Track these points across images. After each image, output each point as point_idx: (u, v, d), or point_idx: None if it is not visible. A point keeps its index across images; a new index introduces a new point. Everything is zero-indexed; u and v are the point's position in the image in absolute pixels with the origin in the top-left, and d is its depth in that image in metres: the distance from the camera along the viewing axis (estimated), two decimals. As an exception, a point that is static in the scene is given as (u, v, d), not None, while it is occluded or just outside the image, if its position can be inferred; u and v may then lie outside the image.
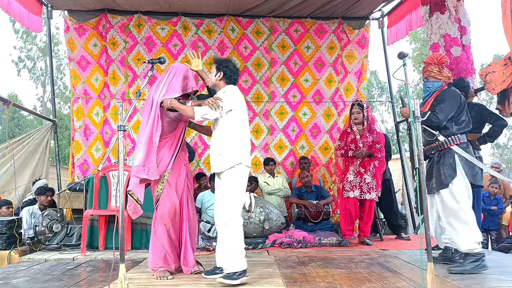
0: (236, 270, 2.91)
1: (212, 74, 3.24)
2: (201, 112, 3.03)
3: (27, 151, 5.89)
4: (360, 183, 4.71)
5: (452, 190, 3.27)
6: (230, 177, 3.01)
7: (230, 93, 3.12)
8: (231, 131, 3.06)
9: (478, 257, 3.20)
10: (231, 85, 3.20)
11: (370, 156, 4.74)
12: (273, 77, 6.55)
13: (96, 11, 6.19)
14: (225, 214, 2.97)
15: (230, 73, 3.19)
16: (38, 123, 18.76)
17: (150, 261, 3.23)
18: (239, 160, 3.01)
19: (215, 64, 3.24)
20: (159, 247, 3.21)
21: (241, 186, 3.04)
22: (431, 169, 3.42)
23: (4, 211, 4.98)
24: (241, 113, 3.14)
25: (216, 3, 5.99)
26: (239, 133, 3.08)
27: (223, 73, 3.17)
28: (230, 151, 3.03)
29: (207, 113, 3.03)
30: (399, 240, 5.16)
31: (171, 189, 3.23)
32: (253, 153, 6.47)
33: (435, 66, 3.48)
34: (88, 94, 6.26)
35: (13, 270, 3.55)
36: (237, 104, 3.10)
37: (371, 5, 6.21)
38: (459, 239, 3.25)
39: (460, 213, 3.24)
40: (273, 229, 4.93)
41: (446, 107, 3.32)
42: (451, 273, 3.18)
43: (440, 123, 3.31)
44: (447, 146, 3.35)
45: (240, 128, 3.10)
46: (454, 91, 3.45)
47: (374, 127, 4.90)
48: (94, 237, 4.61)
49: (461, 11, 4.46)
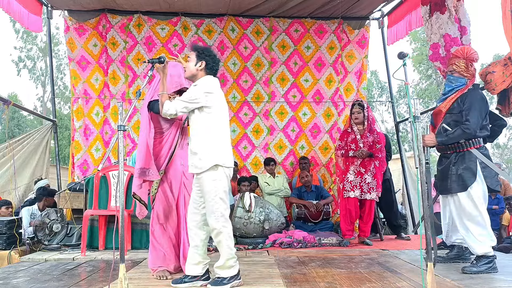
0: (227, 276, 2.81)
1: (191, 63, 2.90)
2: (164, 107, 2.86)
3: (27, 151, 5.89)
4: (361, 183, 4.71)
5: (471, 194, 3.23)
6: (209, 181, 2.78)
7: (204, 86, 2.82)
8: (207, 129, 2.81)
9: (491, 259, 3.20)
10: (209, 76, 2.90)
11: (371, 156, 4.74)
12: (273, 77, 6.55)
13: (96, 11, 6.19)
14: (211, 221, 2.80)
15: (213, 63, 2.90)
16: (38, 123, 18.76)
17: (149, 261, 3.23)
18: (215, 161, 2.78)
19: (195, 52, 2.90)
20: (158, 247, 3.20)
21: (220, 189, 2.79)
22: (447, 170, 3.34)
23: (4, 211, 4.98)
24: (219, 109, 2.86)
25: (216, 3, 5.99)
26: (216, 131, 2.83)
27: (205, 63, 2.88)
28: (206, 151, 2.79)
29: (169, 108, 2.83)
30: (399, 240, 5.16)
31: (166, 188, 3.20)
32: (253, 153, 6.49)
33: (463, 61, 3.35)
34: (88, 94, 6.26)
35: (13, 270, 3.55)
36: (213, 98, 2.81)
37: (371, 5, 6.21)
38: (474, 243, 3.23)
39: (478, 218, 3.22)
40: (273, 229, 4.93)
41: (477, 114, 3.21)
42: (465, 273, 3.16)
43: (474, 133, 3.21)
44: (467, 148, 3.28)
45: (218, 125, 2.84)
46: (482, 94, 3.36)
47: (374, 127, 4.90)
48: (94, 237, 4.60)
49: (461, 11, 4.45)
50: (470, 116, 3.21)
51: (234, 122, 6.48)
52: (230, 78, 6.49)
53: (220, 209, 2.79)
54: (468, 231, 3.26)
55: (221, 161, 2.80)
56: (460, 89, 3.38)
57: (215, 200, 2.78)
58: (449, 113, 3.36)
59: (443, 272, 3.21)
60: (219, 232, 2.79)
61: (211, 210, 2.79)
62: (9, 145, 5.52)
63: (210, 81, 2.89)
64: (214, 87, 2.88)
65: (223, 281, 2.80)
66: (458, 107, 3.32)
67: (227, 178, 2.87)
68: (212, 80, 2.91)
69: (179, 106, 2.83)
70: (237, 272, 2.86)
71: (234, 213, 4.87)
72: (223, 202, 2.81)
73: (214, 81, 2.92)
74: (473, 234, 3.23)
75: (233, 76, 6.50)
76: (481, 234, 3.22)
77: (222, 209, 2.80)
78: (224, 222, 2.80)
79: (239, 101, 6.49)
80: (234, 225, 4.84)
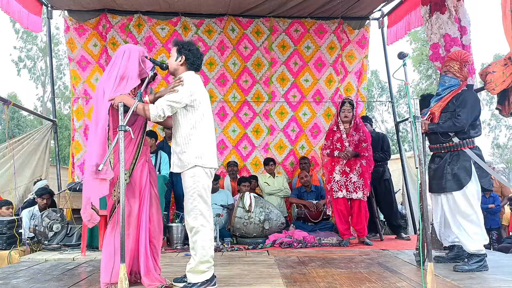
0: (197, 281, 2.69)
1: (172, 58, 2.85)
2: (152, 113, 2.69)
3: (27, 151, 5.89)
4: (346, 182, 4.68)
5: (466, 193, 3.30)
6: (188, 179, 2.72)
7: (188, 84, 2.72)
8: (188, 128, 2.74)
9: (482, 257, 3.28)
10: (190, 73, 2.83)
11: (357, 156, 4.71)
12: (273, 77, 6.55)
13: (96, 11, 6.19)
14: (189, 219, 2.73)
15: (194, 58, 2.82)
16: (38, 123, 18.76)
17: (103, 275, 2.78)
18: (195, 162, 2.71)
19: (176, 47, 2.85)
20: (112, 259, 2.73)
21: (199, 187, 2.71)
22: (442, 169, 3.41)
23: (4, 211, 4.98)
24: (201, 107, 2.78)
25: (216, 3, 5.99)
26: (198, 130, 2.76)
27: (185, 57, 2.81)
28: (187, 151, 2.72)
29: (157, 112, 2.68)
30: (399, 240, 5.16)
31: (130, 192, 2.84)
32: (253, 153, 6.49)
33: (456, 63, 3.49)
34: (88, 94, 6.26)
35: (13, 270, 3.55)
36: (196, 97, 2.74)
37: (371, 5, 6.21)
38: (468, 240, 3.29)
39: (473, 217, 3.29)
40: (273, 229, 4.93)
41: (469, 111, 3.32)
42: (456, 271, 3.22)
43: (463, 127, 3.32)
44: (460, 148, 3.37)
45: (200, 124, 2.77)
46: (475, 94, 3.48)
47: (360, 125, 4.87)
48: (94, 237, 4.60)
49: (461, 11, 4.45)
50: (462, 112, 3.33)
51: (234, 122, 6.48)
52: (230, 78, 6.49)
53: (198, 207, 2.71)
54: (462, 229, 3.32)
55: (200, 162, 2.73)
56: (454, 90, 3.49)
57: (193, 197, 2.71)
58: (444, 112, 3.44)
59: (443, 272, 3.21)
60: (197, 231, 2.71)
61: (190, 208, 2.73)
62: (9, 145, 5.51)
63: (192, 79, 2.80)
64: (197, 86, 2.81)
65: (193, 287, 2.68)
66: (453, 106, 3.42)
67: (209, 177, 2.79)
68: (193, 77, 2.83)
69: (166, 109, 2.70)
70: (211, 276, 2.74)
71: (234, 213, 4.88)
72: (203, 201, 2.73)
73: (195, 78, 2.83)
74: (467, 232, 3.29)
75: (233, 76, 6.50)
76: (475, 232, 3.28)
77: (201, 207, 2.72)
78: (202, 221, 2.71)
79: (239, 101, 6.49)
80: (234, 225, 4.86)
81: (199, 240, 2.71)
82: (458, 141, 3.38)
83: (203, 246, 2.71)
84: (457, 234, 3.36)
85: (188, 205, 2.75)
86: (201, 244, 2.71)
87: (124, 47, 2.98)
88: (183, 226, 4.69)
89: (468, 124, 3.33)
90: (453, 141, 3.40)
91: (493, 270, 3.27)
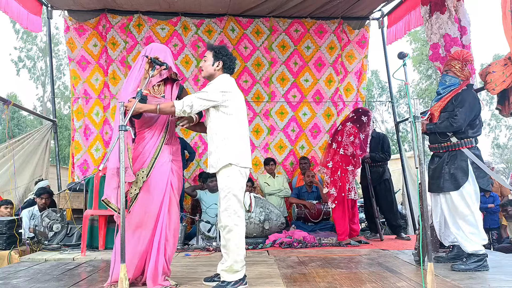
0: (231, 280, 2.72)
1: (207, 63, 2.88)
2: (177, 107, 2.70)
3: (27, 151, 5.89)
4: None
5: (463, 194, 3.30)
6: (223, 178, 2.78)
7: (221, 84, 2.78)
8: (223, 129, 2.78)
9: (482, 257, 3.27)
10: (225, 75, 2.89)
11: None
12: (273, 77, 6.55)
13: (96, 11, 6.19)
14: (223, 218, 2.76)
15: (230, 62, 2.90)
16: (38, 123, 18.78)
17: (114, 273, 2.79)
18: (229, 160, 2.75)
19: (212, 51, 2.88)
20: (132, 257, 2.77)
21: (233, 186, 2.76)
22: (440, 169, 3.41)
23: (3, 211, 4.98)
24: (236, 109, 2.82)
25: (216, 3, 5.99)
26: (233, 131, 2.80)
27: (223, 63, 2.88)
28: (221, 151, 2.77)
29: (183, 106, 2.69)
30: (399, 240, 5.16)
31: (148, 192, 2.83)
32: (253, 153, 6.48)
33: (458, 62, 3.48)
34: (88, 94, 6.26)
35: (13, 270, 3.55)
36: (230, 97, 2.79)
37: (371, 5, 6.22)
38: (465, 241, 3.30)
39: (470, 218, 3.29)
40: (273, 229, 4.93)
41: (467, 111, 3.31)
42: (453, 270, 3.23)
43: (460, 127, 3.31)
44: (459, 148, 3.37)
45: (235, 125, 2.81)
46: (474, 93, 3.46)
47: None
48: (94, 237, 4.60)
49: (461, 11, 4.45)
50: (459, 112, 3.32)
51: (234, 122, 6.47)
52: (230, 78, 6.49)
53: (233, 206, 2.75)
54: (460, 229, 3.32)
55: (235, 160, 2.76)
56: (454, 89, 3.48)
57: (228, 197, 2.75)
58: (444, 111, 3.44)
59: (443, 272, 3.21)
60: (230, 229, 2.74)
61: (224, 207, 2.76)
62: (9, 145, 5.51)
63: (226, 80, 2.86)
64: (231, 86, 2.86)
65: (227, 286, 2.71)
66: (452, 106, 3.42)
67: (243, 177, 2.82)
68: (228, 79, 2.89)
69: (196, 104, 2.73)
70: (243, 276, 2.78)
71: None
72: (237, 200, 2.77)
73: (230, 80, 2.89)
74: (464, 232, 3.30)
75: (233, 76, 6.47)
76: (472, 233, 3.28)
77: (235, 206, 2.75)
78: (236, 220, 2.74)
79: (239, 101, 6.49)
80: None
81: (232, 239, 2.74)
82: (456, 141, 3.38)
83: (237, 245, 2.74)
84: (456, 234, 3.36)
85: (222, 204, 2.78)
86: (235, 243, 2.74)
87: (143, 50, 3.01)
88: (183, 226, 4.70)
89: (465, 124, 3.32)
90: (451, 141, 3.39)
91: (493, 270, 3.27)
